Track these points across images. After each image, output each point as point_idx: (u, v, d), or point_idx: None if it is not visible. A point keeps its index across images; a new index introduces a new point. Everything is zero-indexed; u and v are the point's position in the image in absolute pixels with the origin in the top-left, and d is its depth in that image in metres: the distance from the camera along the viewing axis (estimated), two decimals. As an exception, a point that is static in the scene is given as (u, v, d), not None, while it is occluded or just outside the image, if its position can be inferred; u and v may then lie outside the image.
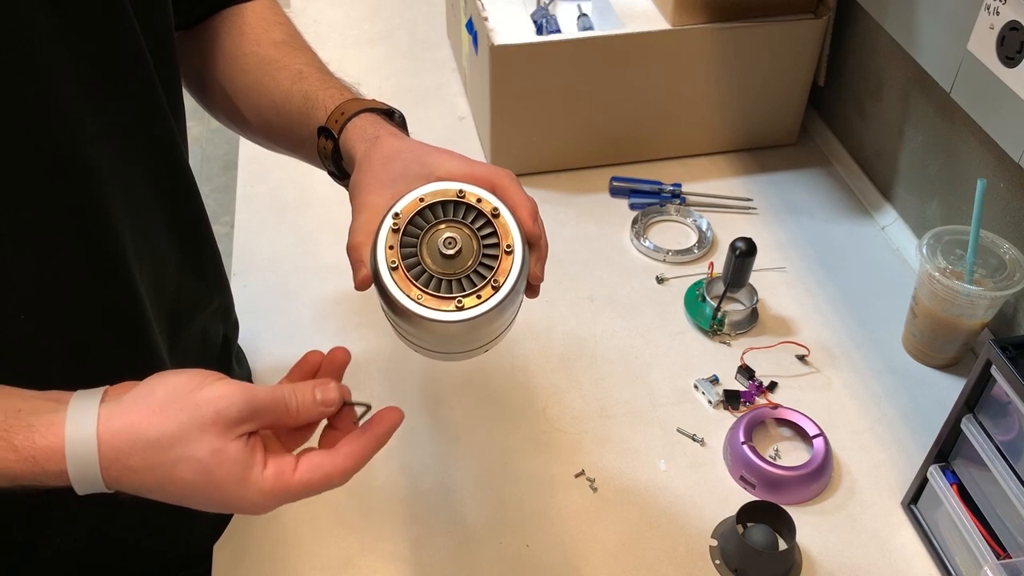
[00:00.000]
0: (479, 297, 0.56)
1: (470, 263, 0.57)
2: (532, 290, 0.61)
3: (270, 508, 0.53)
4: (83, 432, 0.50)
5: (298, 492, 0.53)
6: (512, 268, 0.57)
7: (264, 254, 1.08)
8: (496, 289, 0.56)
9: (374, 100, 0.69)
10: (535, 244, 0.60)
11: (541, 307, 1.01)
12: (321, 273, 1.05)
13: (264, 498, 0.52)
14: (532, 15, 1.15)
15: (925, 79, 0.96)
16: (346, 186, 0.69)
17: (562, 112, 1.13)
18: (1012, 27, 0.72)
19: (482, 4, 1.12)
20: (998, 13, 0.74)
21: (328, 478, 0.54)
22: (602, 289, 1.03)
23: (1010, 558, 0.69)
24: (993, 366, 0.69)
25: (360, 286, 0.59)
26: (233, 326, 0.88)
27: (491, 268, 0.57)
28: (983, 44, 0.76)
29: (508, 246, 0.57)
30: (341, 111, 0.67)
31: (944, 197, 1.02)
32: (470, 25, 1.17)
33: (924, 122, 1.04)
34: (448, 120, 1.28)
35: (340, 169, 0.69)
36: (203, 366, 0.54)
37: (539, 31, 1.12)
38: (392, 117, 0.69)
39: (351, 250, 0.60)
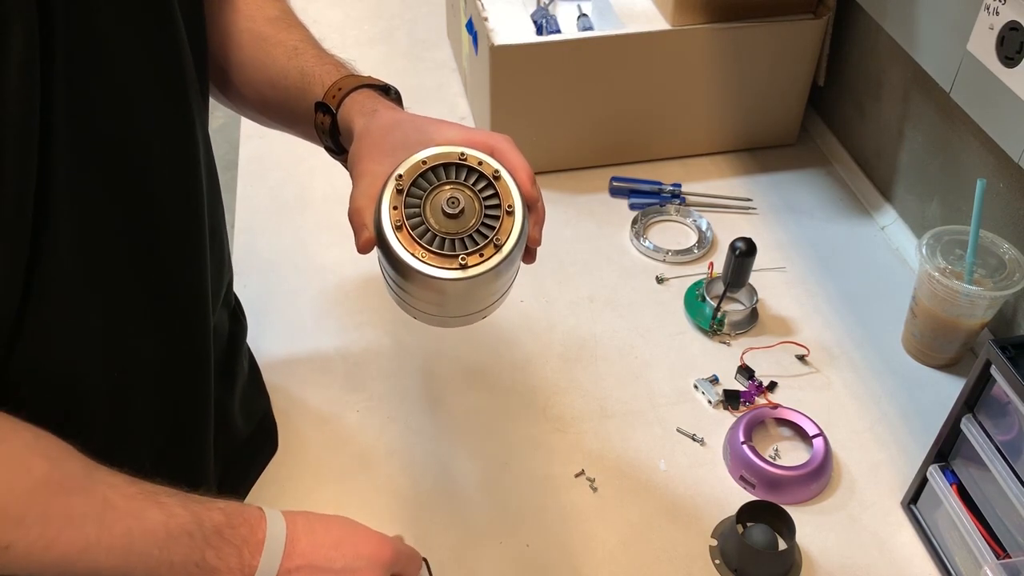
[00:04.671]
0: (482, 256, 0.57)
1: (472, 223, 0.58)
2: (529, 254, 0.62)
3: None
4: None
5: None
6: (513, 228, 0.58)
7: (264, 254, 1.08)
8: (498, 248, 0.58)
9: (370, 76, 0.70)
10: (533, 207, 0.61)
11: (541, 307, 1.01)
12: (321, 273, 1.05)
13: None
14: (532, 15, 1.15)
15: (925, 79, 0.96)
16: (343, 161, 0.70)
17: (562, 112, 1.13)
18: (1012, 27, 0.72)
19: (482, 4, 1.12)
20: (998, 13, 0.74)
21: None
22: (602, 289, 1.03)
23: (1010, 558, 0.69)
24: (993, 366, 0.69)
25: (363, 249, 0.59)
26: (242, 327, 0.87)
27: (493, 228, 0.58)
28: (983, 44, 0.76)
29: (509, 207, 0.59)
30: (338, 86, 0.68)
31: (944, 197, 1.02)
32: (470, 25, 1.17)
33: (924, 122, 1.04)
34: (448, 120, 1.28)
35: (337, 144, 0.70)
36: (213, 357, 0.54)
37: (539, 31, 1.12)
38: (388, 93, 0.70)
39: (353, 214, 0.60)
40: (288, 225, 1.12)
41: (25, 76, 0.48)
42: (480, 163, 0.60)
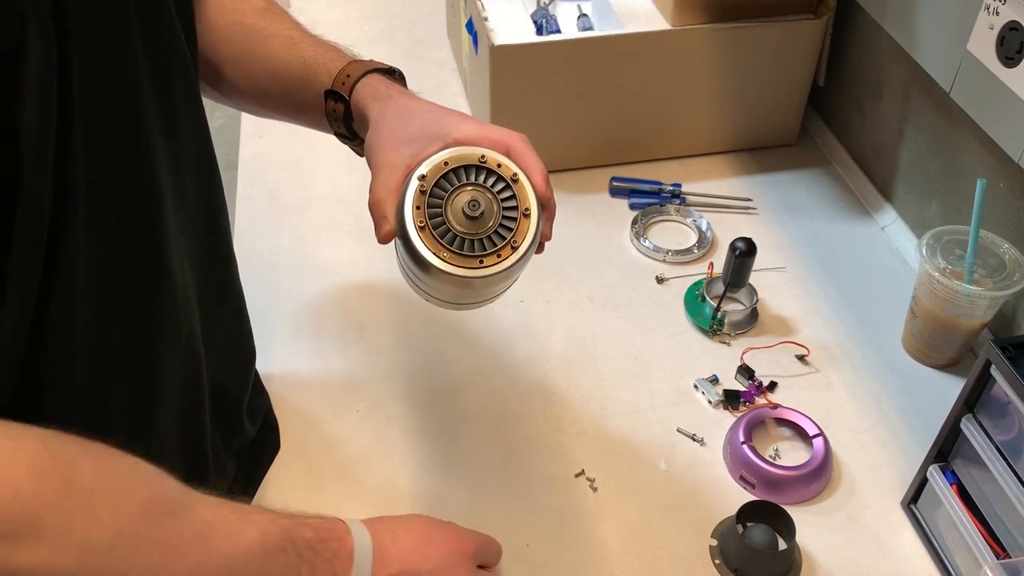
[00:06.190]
0: (499, 256, 0.61)
1: (491, 224, 0.62)
2: (539, 247, 0.65)
3: None
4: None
5: None
6: (529, 230, 0.62)
7: (264, 254, 1.08)
8: (515, 249, 0.62)
9: (372, 60, 0.71)
10: (546, 205, 0.64)
11: (541, 307, 1.01)
12: (321, 273, 1.05)
13: None
14: (532, 15, 1.15)
15: (925, 79, 0.96)
16: (354, 147, 0.71)
17: (562, 112, 1.13)
18: (1012, 27, 0.72)
19: (482, 4, 1.12)
20: (998, 13, 0.74)
21: None
22: (602, 289, 1.03)
23: (1010, 558, 0.69)
24: (993, 366, 0.69)
25: (384, 240, 0.62)
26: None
27: (510, 230, 0.62)
28: (983, 44, 0.76)
29: (526, 210, 0.62)
30: (347, 73, 0.69)
31: (944, 197, 1.02)
32: (470, 25, 1.17)
33: (924, 122, 1.04)
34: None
35: (350, 130, 0.70)
36: (236, 356, 0.53)
37: (539, 31, 1.12)
38: (393, 75, 0.71)
39: (373, 206, 0.62)
40: (288, 225, 1.12)
41: (40, 104, 0.46)
42: (499, 165, 0.62)
